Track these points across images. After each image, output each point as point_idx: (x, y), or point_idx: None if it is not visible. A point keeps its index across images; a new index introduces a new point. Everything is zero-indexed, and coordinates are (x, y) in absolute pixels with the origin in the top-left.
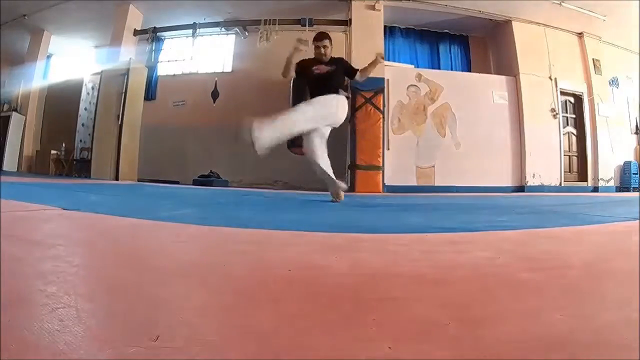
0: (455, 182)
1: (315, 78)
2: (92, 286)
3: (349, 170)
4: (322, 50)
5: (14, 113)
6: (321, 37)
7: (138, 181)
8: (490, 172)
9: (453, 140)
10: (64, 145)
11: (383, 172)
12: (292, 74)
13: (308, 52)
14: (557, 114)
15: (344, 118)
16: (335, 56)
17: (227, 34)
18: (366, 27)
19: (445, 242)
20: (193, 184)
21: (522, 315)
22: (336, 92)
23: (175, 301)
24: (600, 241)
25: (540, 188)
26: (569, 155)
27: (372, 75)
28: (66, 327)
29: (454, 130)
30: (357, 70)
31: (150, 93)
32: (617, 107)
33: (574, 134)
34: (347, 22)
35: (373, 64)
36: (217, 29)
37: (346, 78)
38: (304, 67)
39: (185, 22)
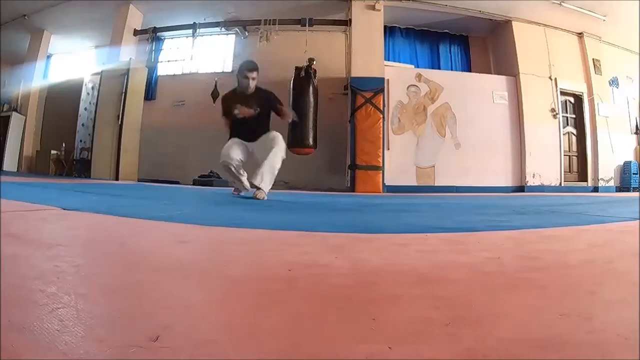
0: (455, 182)
1: (241, 120)
2: (92, 286)
3: (349, 170)
4: (250, 82)
5: (14, 113)
6: (253, 67)
7: (138, 181)
8: (490, 172)
9: (453, 140)
10: (64, 145)
11: (383, 172)
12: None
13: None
14: (557, 114)
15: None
16: (262, 87)
17: (227, 34)
18: (366, 27)
19: (445, 242)
20: (193, 184)
21: (522, 315)
22: (268, 130)
23: (175, 301)
24: (600, 241)
25: (540, 188)
26: (569, 155)
27: (372, 75)
28: (66, 327)
29: (454, 130)
30: (282, 107)
31: (150, 93)
32: (617, 107)
33: (574, 134)
34: (347, 22)
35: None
36: (217, 29)
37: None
38: (229, 104)
39: (185, 22)
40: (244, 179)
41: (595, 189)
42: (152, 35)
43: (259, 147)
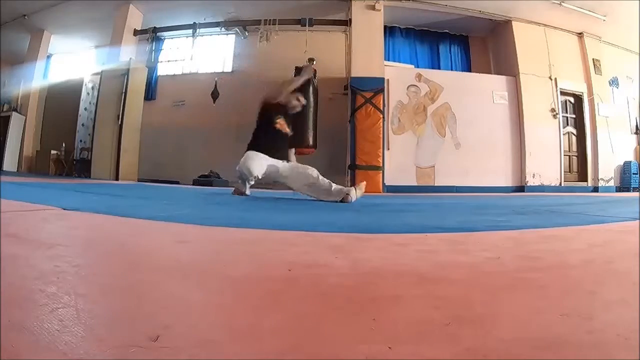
0: (455, 182)
1: (278, 131)
2: (92, 286)
3: (349, 170)
4: (298, 107)
5: (14, 113)
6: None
7: (138, 181)
8: (490, 172)
9: (453, 140)
10: (64, 145)
11: (383, 172)
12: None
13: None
14: (557, 114)
15: None
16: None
17: (227, 34)
18: (366, 27)
19: (445, 242)
20: (193, 184)
21: (522, 315)
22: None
23: (175, 301)
24: (600, 241)
25: (540, 188)
26: (569, 155)
27: (372, 75)
28: (66, 327)
29: (454, 130)
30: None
31: (150, 93)
32: (617, 107)
33: (574, 134)
34: (347, 22)
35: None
36: (217, 29)
37: None
38: (273, 110)
39: (185, 22)
40: (249, 187)
41: (595, 189)
42: (152, 35)
43: (293, 173)
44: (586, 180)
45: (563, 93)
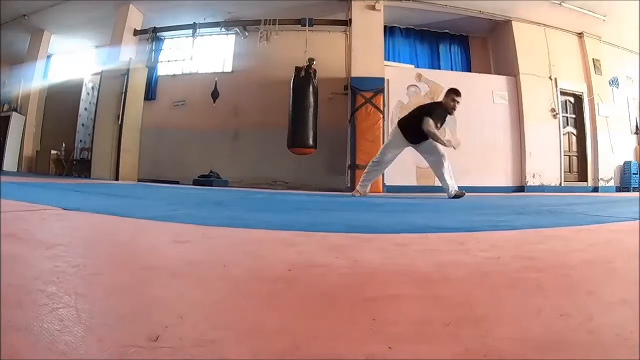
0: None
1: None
2: (92, 286)
3: (349, 170)
4: (455, 106)
5: (14, 113)
6: (459, 94)
7: (138, 181)
8: (490, 172)
9: (453, 140)
10: (64, 145)
11: (383, 172)
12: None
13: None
14: (557, 114)
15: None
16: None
17: (227, 34)
18: (366, 27)
19: (445, 242)
20: (193, 184)
21: (522, 315)
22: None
23: (175, 301)
24: (600, 241)
25: (540, 188)
26: (569, 155)
27: (372, 75)
28: (66, 327)
29: (454, 130)
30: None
31: (150, 93)
32: (617, 107)
33: (574, 134)
34: (347, 22)
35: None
36: (217, 29)
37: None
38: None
39: (185, 22)
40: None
41: (595, 189)
42: (152, 35)
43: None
44: (586, 180)
45: (563, 93)
